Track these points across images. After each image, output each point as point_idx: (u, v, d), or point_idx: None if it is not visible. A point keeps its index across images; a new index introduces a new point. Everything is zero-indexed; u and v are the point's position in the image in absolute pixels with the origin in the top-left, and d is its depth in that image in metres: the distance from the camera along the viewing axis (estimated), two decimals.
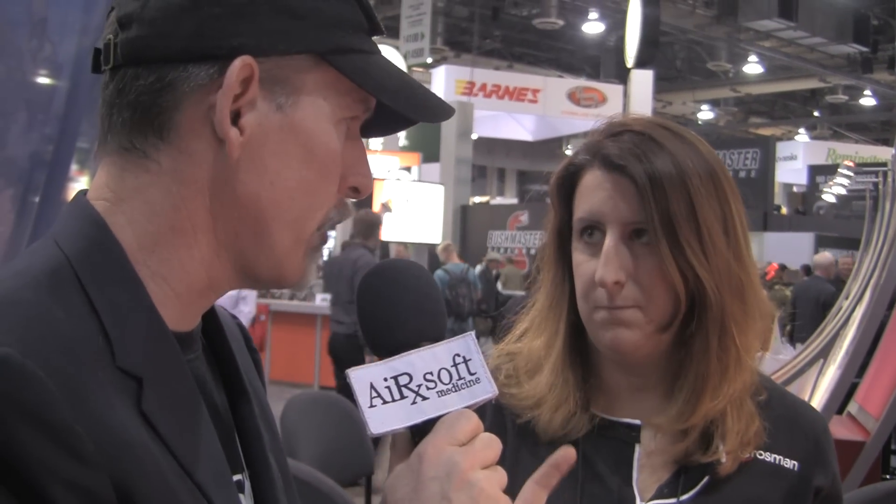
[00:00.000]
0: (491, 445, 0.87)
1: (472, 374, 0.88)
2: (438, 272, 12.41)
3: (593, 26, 22.91)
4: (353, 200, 1.01)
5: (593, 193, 1.33)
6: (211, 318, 1.04)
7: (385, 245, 14.90)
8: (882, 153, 31.40)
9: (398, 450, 0.90)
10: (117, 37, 0.89)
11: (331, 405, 4.05)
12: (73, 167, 2.61)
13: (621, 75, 21.33)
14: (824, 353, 5.20)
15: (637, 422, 1.37)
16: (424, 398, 0.87)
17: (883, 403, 4.40)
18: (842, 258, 13.88)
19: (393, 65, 0.98)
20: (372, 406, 0.86)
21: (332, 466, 3.67)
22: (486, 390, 0.89)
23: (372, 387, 0.87)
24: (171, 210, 0.90)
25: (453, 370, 0.88)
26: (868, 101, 29.40)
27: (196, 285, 0.93)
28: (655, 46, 15.09)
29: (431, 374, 0.88)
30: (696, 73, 27.65)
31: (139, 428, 0.81)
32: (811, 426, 1.42)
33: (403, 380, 0.87)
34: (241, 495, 0.95)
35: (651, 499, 1.34)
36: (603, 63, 25.78)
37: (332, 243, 13.82)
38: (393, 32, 19.70)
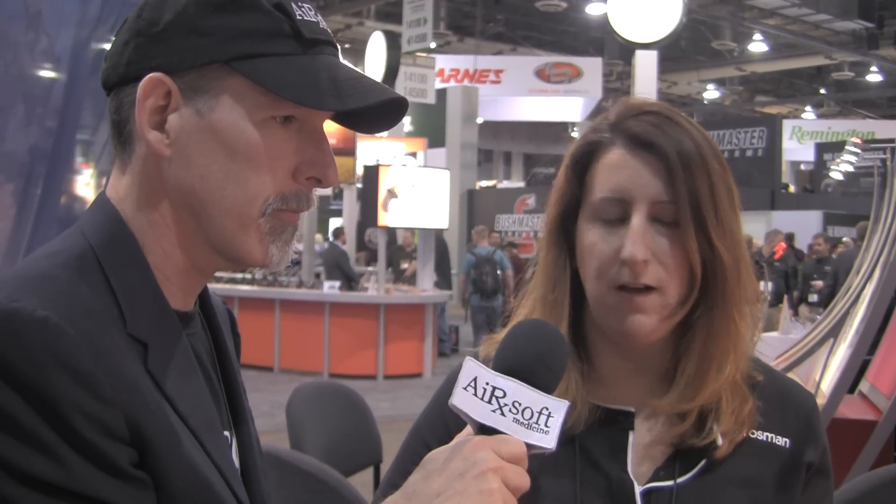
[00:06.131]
0: (521, 475, 0.99)
1: (546, 427, 1.02)
2: (467, 255, 13.46)
3: (596, 7, 22.81)
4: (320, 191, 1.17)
5: (619, 171, 1.32)
6: (207, 303, 1.27)
7: (392, 231, 14.90)
8: (862, 127, 31.38)
9: (463, 431, 1.06)
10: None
11: (338, 394, 4.02)
12: (79, 160, 2.61)
13: (625, 56, 21.25)
14: (834, 333, 5.17)
15: (631, 409, 1.37)
16: (503, 415, 1.01)
17: (894, 381, 4.38)
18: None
19: (323, 64, 1.10)
20: (465, 389, 1.03)
21: (340, 455, 3.66)
22: (547, 442, 1.02)
23: (475, 379, 1.03)
24: (146, 205, 1.12)
25: (536, 415, 1.02)
26: (874, 77, 29.28)
27: (179, 266, 1.13)
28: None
29: (519, 404, 1.02)
30: (701, 52, 27.54)
31: (146, 381, 1.02)
32: (801, 403, 1.44)
33: (499, 393, 1.02)
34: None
35: (648, 482, 1.34)
36: (607, 44, 25.69)
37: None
38: (396, 18, 19.66)
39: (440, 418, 1.43)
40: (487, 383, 1.02)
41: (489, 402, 1.02)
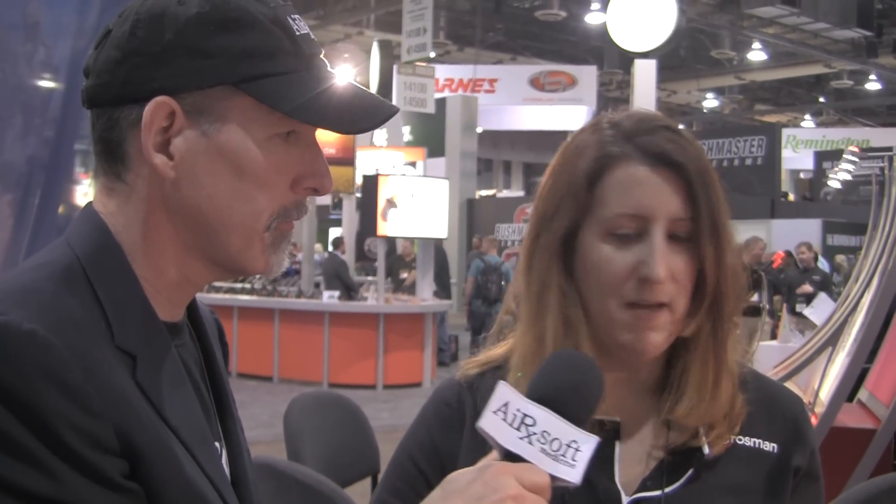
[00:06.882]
0: None
1: (573, 460, 1.01)
2: (477, 261, 14.08)
3: (595, 17, 22.84)
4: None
5: (639, 187, 1.30)
6: (195, 313, 1.26)
7: (391, 241, 14.90)
8: (857, 135, 31.49)
9: (488, 456, 1.04)
10: (85, 84, 1.11)
11: (335, 404, 4.02)
12: (78, 170, 2.62)
13: (625, 65, 21.27)
14: (833, 341, 5.16)
15: (617, 419, 1.35)
16: (531, 443, 1.00)
17: (893, 390, 4.38)
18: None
19: (326, 81, 1.11)
20: (495, 413, 1.02)
21: (338, 465, 3.65)
22: (572, 476, 1.00)
23: (507, 404, 1.02)
24: (141, 223, 1.11)
25: (564, 447, 1.01)
26: (873, 85, 29.32)
27: (172, 280, 1.13)
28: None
29: (548, 434, 1.01)
30: (700, 61, 27.56)
31: (135, 393, 1.02)
32: (789, 407, 1.43)
33: (529, 421, 1.01)
34: None
35: (636, 492, 1.33)
36: (606, 53, 25.72)
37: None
38: (395, 28, 19.66)
39: (427, 433, 1.42)
40: (518, 410, 1.02)
41: (518, 428, 1.01)
